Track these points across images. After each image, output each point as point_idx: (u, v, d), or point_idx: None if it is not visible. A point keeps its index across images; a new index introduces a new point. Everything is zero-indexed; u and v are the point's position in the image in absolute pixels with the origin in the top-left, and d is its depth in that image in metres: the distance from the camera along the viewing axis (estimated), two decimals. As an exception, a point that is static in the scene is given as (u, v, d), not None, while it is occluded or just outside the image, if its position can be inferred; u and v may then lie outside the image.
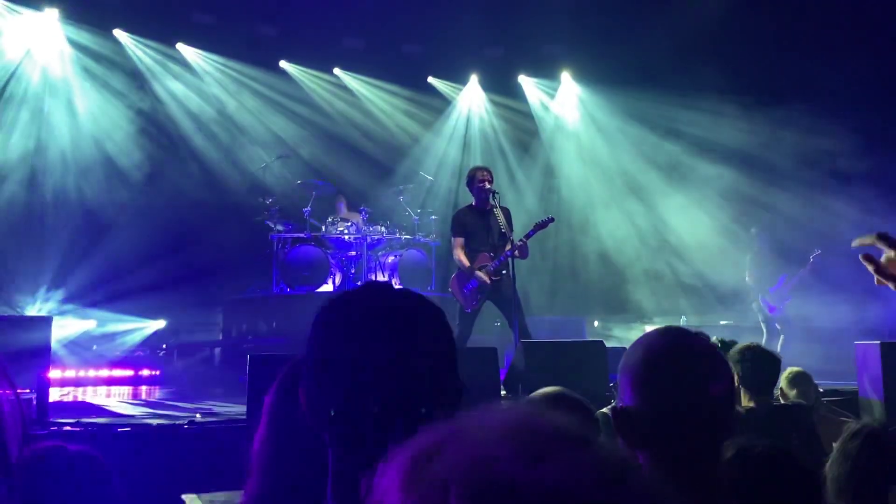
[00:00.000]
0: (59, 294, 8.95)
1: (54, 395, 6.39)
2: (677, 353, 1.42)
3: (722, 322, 9.97)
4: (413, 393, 1.01)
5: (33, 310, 8.65)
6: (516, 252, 6.56)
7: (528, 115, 12.03)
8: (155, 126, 10.18)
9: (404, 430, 1.00)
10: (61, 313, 8.60)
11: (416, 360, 1.02)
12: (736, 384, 4.29)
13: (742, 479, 1.62)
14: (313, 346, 1.06)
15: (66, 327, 8.55)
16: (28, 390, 6.44)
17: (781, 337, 8.46)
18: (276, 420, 1.53)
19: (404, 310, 1.05)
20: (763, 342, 8.58)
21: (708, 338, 1.45)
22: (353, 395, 1.01)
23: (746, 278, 8.96)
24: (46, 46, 9.73)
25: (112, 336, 8.94)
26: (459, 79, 11.80)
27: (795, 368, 4.56)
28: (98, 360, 8.47)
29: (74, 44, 9.85)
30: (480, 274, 6.77)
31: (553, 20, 10.22)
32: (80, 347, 8.55)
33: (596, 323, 11.20)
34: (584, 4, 10.14)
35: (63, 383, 7.57)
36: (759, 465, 1.66)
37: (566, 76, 11.79)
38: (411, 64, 11.30)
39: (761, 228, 9.01)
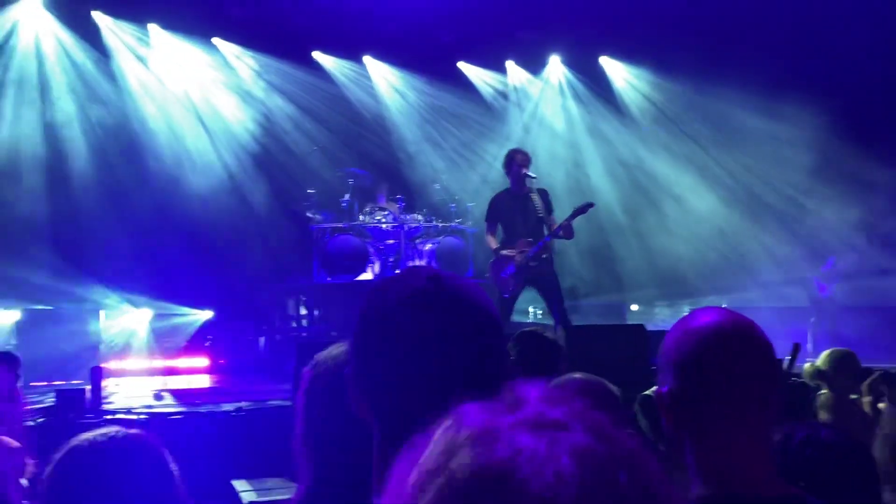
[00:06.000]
0: (106, 286, 9.08)
1: (106, 385, 6.56)
2: (716, 333, 1.38)
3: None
4: (462, 379, 1.02)
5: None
6: (561, 233, 6.43)
7: (563, 99, 11.90)
8: (194, 117, 10.33)
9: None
10: (109, 305, 8.81)
11: (466, 345, 1.04)
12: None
13: (809, 464, 1.62)
14: (359, 335, 1.08)
15: (119, 318, 8.76)
16: (81, 381, 6.66)
17: (831, 317, 8.30)
18: (313, 412, 1.52)
19: (449, 296, 1.06)
20: (813, 322, 8.45)
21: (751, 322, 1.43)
22: (401, 382, 1.03)
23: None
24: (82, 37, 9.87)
25: (165, 327, 9.10)
26: (493, 65, 11.71)
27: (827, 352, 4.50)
28: (149, 350, 8.68)
29: (117, 38, 10.04)
30: (507, 252, 6.66)
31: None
32: (133, 338, 8.74)
33: (634, 307, 11.11)
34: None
35: (115, 374, 7.77)
36: (824, 451, 1.65)
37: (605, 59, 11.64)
38: (443, 51, 11.22)
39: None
